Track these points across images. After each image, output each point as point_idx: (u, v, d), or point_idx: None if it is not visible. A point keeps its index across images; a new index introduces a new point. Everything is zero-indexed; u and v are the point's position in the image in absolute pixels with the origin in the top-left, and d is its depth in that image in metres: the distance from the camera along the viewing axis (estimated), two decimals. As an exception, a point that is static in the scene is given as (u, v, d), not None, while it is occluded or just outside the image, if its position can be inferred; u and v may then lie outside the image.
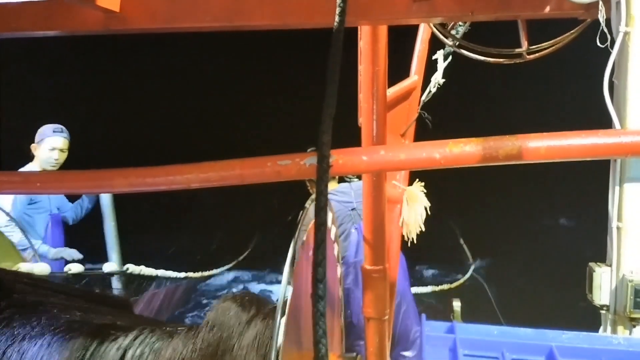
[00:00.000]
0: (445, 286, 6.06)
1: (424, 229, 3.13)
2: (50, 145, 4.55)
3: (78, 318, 1.34)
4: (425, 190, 3.21)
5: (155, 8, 1.88)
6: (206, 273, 6.09)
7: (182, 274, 5.13)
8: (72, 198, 4.91)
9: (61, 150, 4.57)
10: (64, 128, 4.68)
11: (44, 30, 1.94)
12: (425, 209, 3.16)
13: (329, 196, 1.09)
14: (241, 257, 6.84)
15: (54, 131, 4.60)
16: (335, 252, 2.11)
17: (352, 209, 3.90)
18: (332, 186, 4.19)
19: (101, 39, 1.99)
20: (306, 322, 1.38)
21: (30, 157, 4.59)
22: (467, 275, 6.31)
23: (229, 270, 6.79)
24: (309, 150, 2.00)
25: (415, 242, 3.08)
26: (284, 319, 1.16)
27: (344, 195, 3.97)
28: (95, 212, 4.82)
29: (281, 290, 1.18)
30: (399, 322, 3.87)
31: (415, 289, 5.64)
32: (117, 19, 1.87)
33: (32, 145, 4.56)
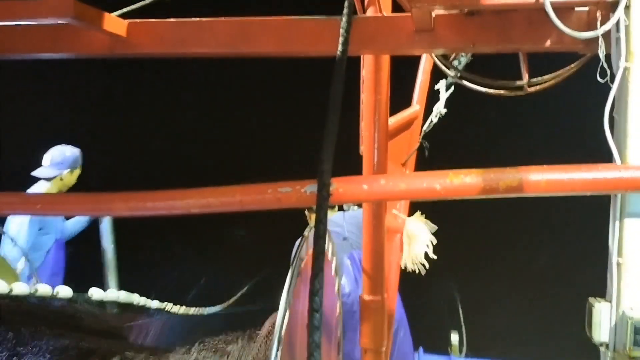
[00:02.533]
0: None
1: (423, 264, 3.12)
2: (79, 172, 4.52)
3: (69, 345, 1.32)
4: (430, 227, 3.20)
5: (161, 33, 1.90)
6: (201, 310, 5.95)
7: (168, 306, 5.01)
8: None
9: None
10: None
11: (51, 52, 1.96)
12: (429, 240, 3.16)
13: None
14: (237, 296, 6.69)
15: (83, 158, 4.57)
16: (336, 289, 2.09)
17: (343, 239, 3.87)
18: (329, 215, 4.16)
19: (108, 59, 2.01)
20: (302, 352, 1.36)
21: (30, 177, 4.48)
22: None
23: (225, 309, 6.65)
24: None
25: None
26: (280, 351, 1.14)
27: (336, 226, 3.95)
28: (94, 238, 4.75)
29: (278, 320, 1.17)
30: (396, 350, 3.80)
31: None
32: (123, 44, 1.90)
33: (66, 172, 4.41)
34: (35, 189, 4.36)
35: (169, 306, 2.59)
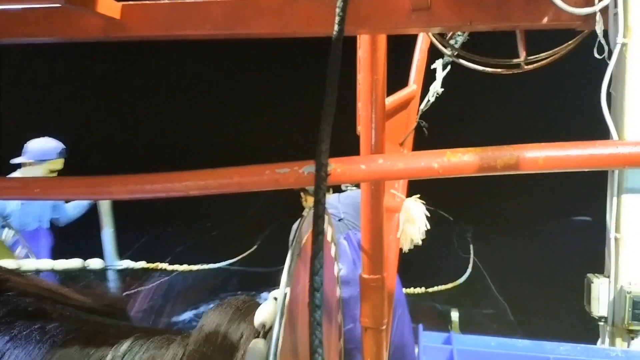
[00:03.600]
0: (444, 286, 5.92)
1: (420, 243, 3.14)
2: (52, 167, 4.40)
3: (72, 325, 1.33)
4: (424, 203, 3.22)
5: (156, 15, 1.88)
6: (205, 267, 5.98)
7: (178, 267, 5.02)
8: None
9: (59, 171, 4.43)
10: (64, 147, 4.52)
11: (45, 36, 1.94)
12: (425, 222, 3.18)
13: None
14: (247, 253, 6.73)
15: (58, 153, 4.45)
16: (335, 272, 2.10)
17: (339, 220, 3.90)
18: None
19: (101, 43, 2.00)
20: (303, 331, 1.37)
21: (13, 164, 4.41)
22: (468, 273, 6.18)
23: (232, 265, 6.70)
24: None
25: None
26: (281, 331, 1.15)
27: (331, 207, 3.98)
28: (92, 211, 4.75)
29: (279, 302, 1.18)
30: (395, 329, 3.84)
31: (412, 290, 5.61)
32: (117, 26, 1.88)
33: (27, 160, 4.32)
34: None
35: (162, 265, 2.61)
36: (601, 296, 1.83)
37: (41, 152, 4.42)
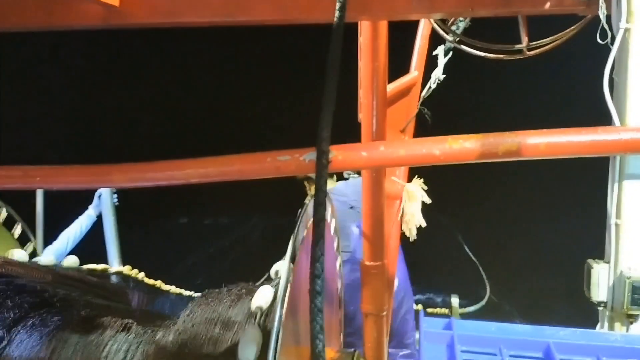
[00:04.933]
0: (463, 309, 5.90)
1: (424, 225, 3.14)
2: None
3: (76, 309, 1.34)
4: (425, 187, 3.21)
5: (155, 2, 1.87)
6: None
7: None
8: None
9: None
10: None
11: (44, 24, 1.93)
12: (424, 203, 3.17)
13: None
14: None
15: None
16: (335, 245, 2.11)
17: (350, 207, 3.89)
18: (330, 185, 4.15)
19: (100, 31, 1.98)
20: (304, 317, 1.38)
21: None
22: (484, 301, 6.16)
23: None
24: None
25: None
26: (282, 317, 1.16)
27: (341, 195, 3.97)
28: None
29: (281, 286, 1.18)
30: (397, 315, 3.85)
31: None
32: (116, 14, 1.86)
33: None
34: None
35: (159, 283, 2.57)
36: (601, 281, 1.83)
37: None
